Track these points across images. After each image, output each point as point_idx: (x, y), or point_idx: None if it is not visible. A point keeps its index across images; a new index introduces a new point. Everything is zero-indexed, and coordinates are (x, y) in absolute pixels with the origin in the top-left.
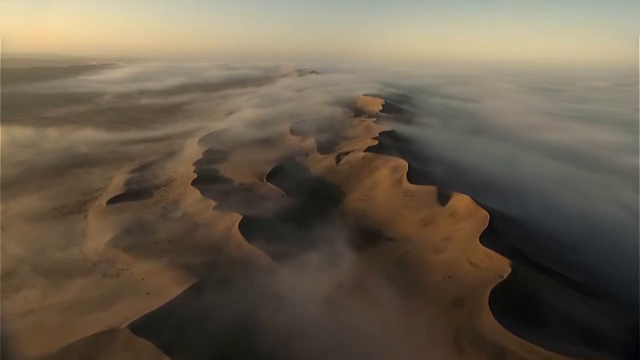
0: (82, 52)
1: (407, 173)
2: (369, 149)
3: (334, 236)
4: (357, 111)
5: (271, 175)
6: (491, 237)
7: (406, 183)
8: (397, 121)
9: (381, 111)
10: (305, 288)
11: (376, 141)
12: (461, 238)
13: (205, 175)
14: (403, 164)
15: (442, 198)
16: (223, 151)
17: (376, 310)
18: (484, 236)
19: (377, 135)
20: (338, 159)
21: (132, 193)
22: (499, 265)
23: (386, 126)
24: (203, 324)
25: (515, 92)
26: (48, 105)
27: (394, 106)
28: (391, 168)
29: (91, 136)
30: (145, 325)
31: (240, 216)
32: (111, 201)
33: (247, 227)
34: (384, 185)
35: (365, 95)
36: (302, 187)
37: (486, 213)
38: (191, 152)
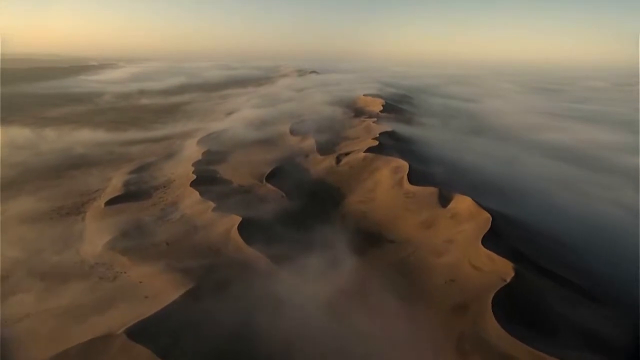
0: (82, 52)
1: (408, 174)
2: (370, 150)
3: (334, 238)
4: (357, 111)
5: (271, 176)
6: (493, 240)
7: (407, 184)
8: (398, 121)
9: (381, 111)
10: (305, 293)
11: (376, 142)
12: (463, 240)
13: (204, 176)
14: (404, 165)
15: (443, 199)
16: (222, 152)
17: (377, 315)
18: (486, 238)
19: (378, 135)
20: (338, 160)
21: (131, 194)
22: (502, 268)
23: (386, 126)
24: (200, 330)
25: (515, 92)
26: (47, 105)
27: (394, 106)
28: (392, 169)
29: (90, 137)
30: (141, 330)
31: (239, 218)
32: (109, 202)
33: (247, 229)
34: (385, 186)
35: (365, 95)
36: (302, 189)
37: (488, 215)
38: (190, 153)
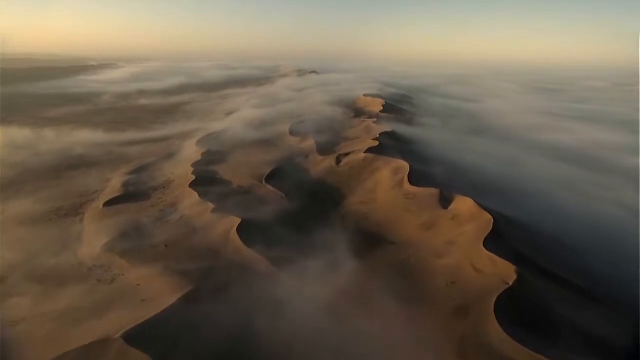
0: (82, 52)
1: (409, 175)
2: (370, 150)
3: (335, 240)
4: (358, 111)
5: (270, 177)
6: (495, 242)
7: (407, 185)
8: (398, 121)
9: (381, 111)
10: (304, 295)
11: (377, 142)
12: (464, 242)
13: (203, 177)
14: (404, 166)
15: (444, 201)
16: (222, 152)
17: (377, 318)
18: (488, 240)
19: (378, 136)
20: (338, 161)
21: (130, 195)
22: (504, 271)
23: (387, 127)
24: (199, 333)
25: (515, 92)
26: (47, 105)
27: (394, 106)
28: (392, 170)
29: (89, 137)
30: (139, 334)
31: (238, 219)
32: (108, 203)
33: (246, 231)
34: (385, 187)
35: (365, 95)
36: (302, 189)
37: (490, 216)
38: (190, 154)
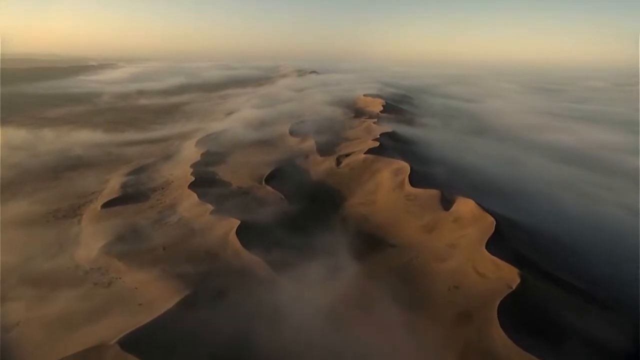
0: (82, 52)
1: (409, 176)
2: (370, 151)
3: (335, 243)
4: (358, 112)
5: (270, 178)
6: (497, 244)
7: (408, 186)
8: (398, 122)
9: (382, 112)
10: (304, 301)
11: (377, 142)
12: (466, 245)
13: (202, 178)
14: (405, 167)
15: (446, 202)
16: (221, 153)
17: (378, 324)
18: (491, 243)
19: (378, 136)
20: (338, 161)
21: (128, 196)
22: (507, 274)
23: (387, 127)
24: (197, 339)
25: (515, 92)
26: (47, 105)
27: (395, 107)
28: (393, 171)
29: (88, 137)
30: (135, 341)
31: (237, 221)
32: (106, 205)
33: (245, 233)
34: (386, 188)
35: (365, 95)
36: (302, 191)
37: (492, 219)
38: (189, 154)
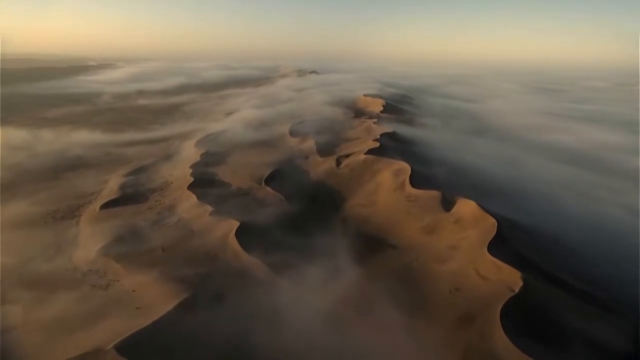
0: (82, 52)
1: (410, 177)
2: (370, 152)
3: (335, 244)
4: (358, 112)
5: (270, 178)
6: (499, 246)
7: (409, 187)
8: (398, 122)
9: (382, 112)
10: (304, 303)
11: (377, 143)
12: (467, 247)
13: (202, 178)
14: (405, 167)
15: (447, 203)
16: (221, 153)
17: (378, 326)
18: (492, 245)
19: (378, 136)
20: (338, 162)
21: (127, 197)
22: (509, 277)
23: (387, 127)
24: (196, 343)
25: (515, 92)
26: (46, 105)
27: (395, 107)
28: (393, 171)
29: (87, 138)
30: (132, 345)
31: (237, 223)
32: (105, 206)
33: (245, 235)
34: (386, 189)
35: (365, 95)
36: (302, 192)
37: (493, 220)
38: (188, 155)
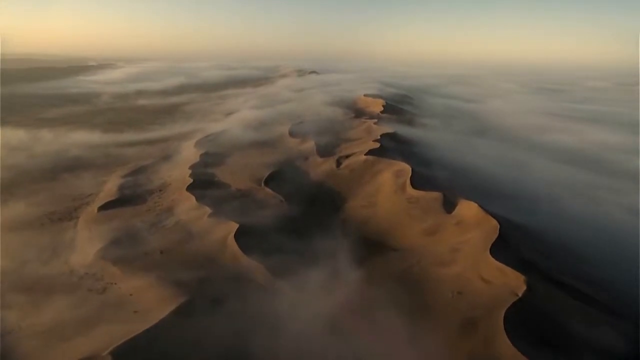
0: (82, 52)
1: (411, 178)
2: (371, 152)
3: (336, 247)
4: (358, 112)
5: (269, 179)
6: (502, 249)
7: (410, 189)
8: (399, 122)
9: (382, 112)
10: (304, 308)
11: (378, 144)
12: (470, 250)
13: (201, 179)
14: (406, 168)
15: (448, 205)
16: (220, 154)
17: (379, 332)
18: (495, 248)
19: (379, 137)
20: (338, 163)
21: (125, 199)
22: (513, 280)
23: (388, 128)
24: (193, 350)
25: (516, 93)
26: (46, 105)
27: (395, 107)
28: (394, 172)
29: (86, 138)
30: (129, 351)
31: (236, 225)
32: (103, 208)
33: (244, 237)
34: (387, 190)
35: (365, 95)
36: (302, 193)
37: (496, 222)
38: (187, 155)
